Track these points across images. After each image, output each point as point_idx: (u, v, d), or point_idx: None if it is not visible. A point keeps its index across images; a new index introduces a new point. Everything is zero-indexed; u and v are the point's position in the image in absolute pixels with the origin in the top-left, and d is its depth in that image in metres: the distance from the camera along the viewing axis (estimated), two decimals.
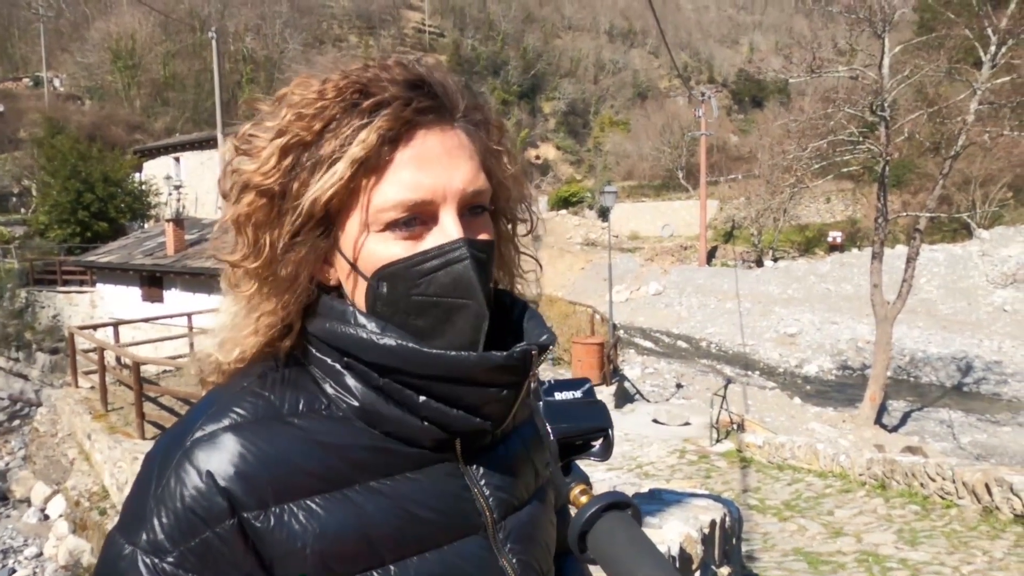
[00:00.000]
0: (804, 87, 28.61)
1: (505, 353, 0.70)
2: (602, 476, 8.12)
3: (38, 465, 13.50)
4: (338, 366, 0.72)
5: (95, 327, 14.96)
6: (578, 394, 0.75)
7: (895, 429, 16.28)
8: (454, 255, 0.69)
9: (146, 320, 16.13)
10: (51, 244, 24.10)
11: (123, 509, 0.70)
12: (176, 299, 17.66)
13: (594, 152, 58.16)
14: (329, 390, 0.73)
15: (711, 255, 34.62)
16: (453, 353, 0.69)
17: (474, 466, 0.77)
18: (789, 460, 9.94)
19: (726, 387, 13.35)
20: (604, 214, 33.19)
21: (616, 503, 0.67)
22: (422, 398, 0.70)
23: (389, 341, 0.69)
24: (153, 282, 18.54)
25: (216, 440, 0.68)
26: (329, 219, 0.71)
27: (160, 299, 18.26)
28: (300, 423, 0.70)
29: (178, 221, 18.77)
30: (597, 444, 0.73)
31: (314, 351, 0.74)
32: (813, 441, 10.99)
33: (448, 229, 0.70)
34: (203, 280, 16.85)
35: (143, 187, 27.54)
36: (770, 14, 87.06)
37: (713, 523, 3.71)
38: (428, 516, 0.72)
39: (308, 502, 0.68)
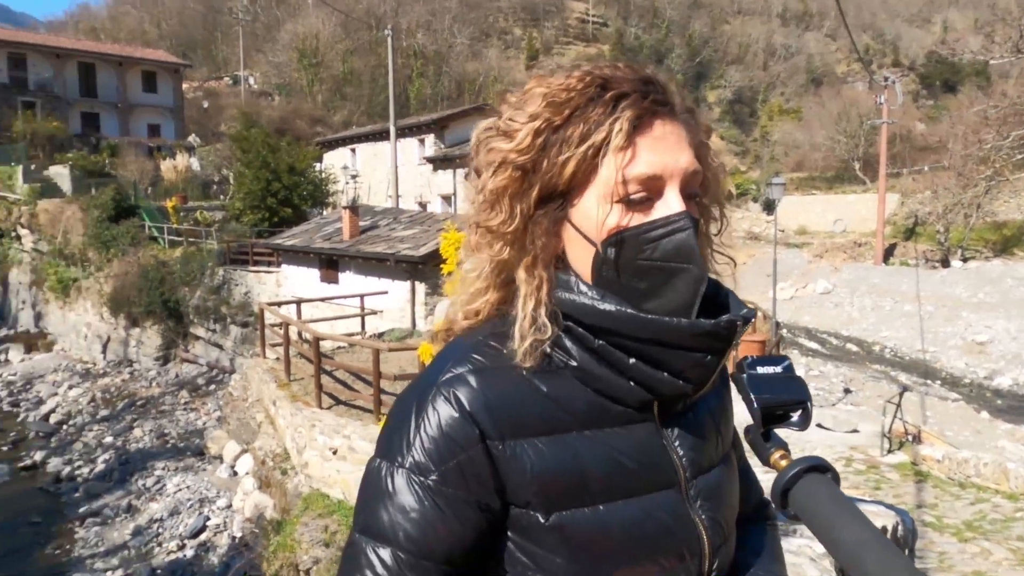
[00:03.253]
0: (1008, 68, 25.76)
1: (714, 321, 0.79)
2: (759, 478, 7.85)
3: (231, 426, 14.95)
4: (558, 329, 0.83)
5: (280, 304, 16.09)
6: (779, 369, 0.81)
7: None
8: (678, 225, 0.79)
9: (323, 299, 17.29)
10: (244, 228, 26.41)
11: (382, 441, 0.84)
12: (350, 281, 18.88)
13: (760, 142, 55.50)
14: (548, 350, 0.83)
15: (889, 253, 32.04)
16: (667, 319, 0.78)
17: (668, 429, 0.86)
18: (972, 478, 9.12)
19: (901, 395, 12.39)
20: (769, 207, 31.67)
21: (817, 466, 0.73)
22: (632, 360, 0.79)
23: (608, 306, 0.79)
24: (330, 264, 19.86)
25: (463, 379, 0.81)
26: (566, 193, 0.82)
27: (336, 280, 19.57)
28: (528, 374, 0.81)
29: (354, 208, 19.92)
30: (796, 415, 0.80)
31: None
32: (1003, 459, 10.01)
33: (672, 203, 0.80)
34: (374, 264, 17.92)
35: (323, 176, 29.67)
36: None
37: (884, 529, 3.54)
38: (633, 467, 0.81)
39: (535, 440, 0.79)
